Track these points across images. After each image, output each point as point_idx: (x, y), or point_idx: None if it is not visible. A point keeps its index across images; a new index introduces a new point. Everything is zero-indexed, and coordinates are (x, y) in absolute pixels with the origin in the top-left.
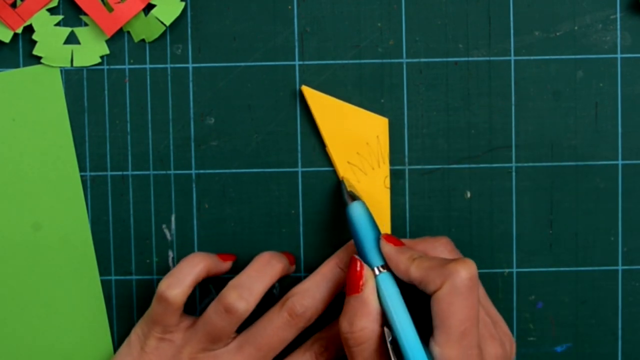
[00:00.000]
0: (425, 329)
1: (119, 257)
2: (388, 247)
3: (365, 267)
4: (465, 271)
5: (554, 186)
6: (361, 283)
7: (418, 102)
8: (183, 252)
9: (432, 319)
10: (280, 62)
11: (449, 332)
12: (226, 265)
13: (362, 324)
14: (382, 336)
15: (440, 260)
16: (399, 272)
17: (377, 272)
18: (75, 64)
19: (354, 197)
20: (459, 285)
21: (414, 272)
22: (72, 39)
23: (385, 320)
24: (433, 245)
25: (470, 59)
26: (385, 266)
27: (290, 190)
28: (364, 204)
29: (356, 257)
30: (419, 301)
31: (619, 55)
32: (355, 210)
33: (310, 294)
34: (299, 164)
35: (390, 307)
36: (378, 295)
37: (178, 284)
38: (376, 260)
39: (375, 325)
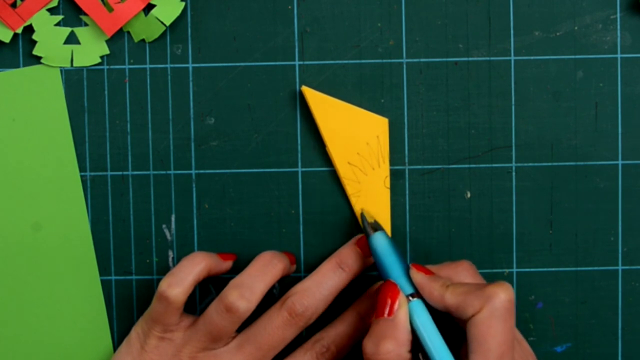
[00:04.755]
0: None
1: (119, 257)
2: (420, 276)
3: (401, 292)
4: (505, 294)
5: (554, 186)
6: (395, 307)
7: (418, 102)
8: (183, 252)
9: (468, 343)
10: (280, 62)
11: (487, 356)
12: (227, 264)
13: (388, 347)
14: None
15: (475, 285)
16: (432, 300)
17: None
18: (75, 64)
19: (376, 228)
20: (499, 308)
21: (450, 298)
22: (72, 39)
23: (416, 346)
24: (455, 270)
25: (470, 59)
26: (415, 294)
27: (290, 190)
28: (385, 233)
29: (392, 280)
30: (444, 331)
31: (619, 55)
32: (379, 241)
33: (310, 293)
34: (299, 164)
35: (425, 334)
36: (410, 322)
37: (179, 283)
38: (406, 289)
39: (402, 351)
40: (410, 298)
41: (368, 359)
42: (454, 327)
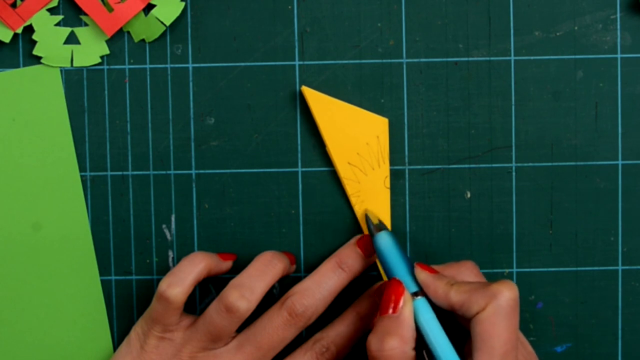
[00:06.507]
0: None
1: (119, 257)
2: (424, 275)
3: (406, 289)
4: (509, 292)
5: (554, 186)
6: (400, 304)
7: (418, 102)
8: (183, 252)
9: (472, 341)
10: (280, 62)
11: (491, 353)
12: (227, 264)
13: (393, 344)
14: (414, 359)
15: (480, 283)
16: (437, 298)
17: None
18: (75, 64)
19: (380, 228)
20: (504, 306)
21: (454, 296)
22: (72, 39)
23: (420, 344)
24: (459, 270)
25: (470, 59)
26: (420, 293)
27: (290, 190)
28: (390, 233)
29: (397, 278)
30: (448, 330)
31: (619, 55)
32: (383, 241)
33: (310, 293)
34: (299, 164)
35: (430, 332)
36: (414, 320)
37: (179, 283)
38: (410, 287)
39: (406, 348)
40: (415, 296)
41: (373, 356)
42: (457, 326)
